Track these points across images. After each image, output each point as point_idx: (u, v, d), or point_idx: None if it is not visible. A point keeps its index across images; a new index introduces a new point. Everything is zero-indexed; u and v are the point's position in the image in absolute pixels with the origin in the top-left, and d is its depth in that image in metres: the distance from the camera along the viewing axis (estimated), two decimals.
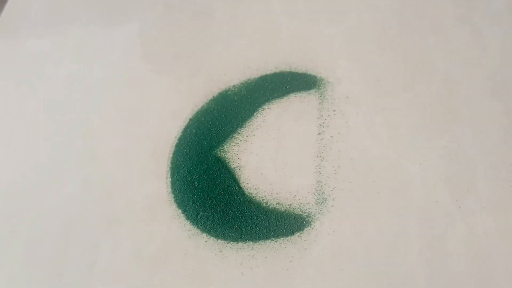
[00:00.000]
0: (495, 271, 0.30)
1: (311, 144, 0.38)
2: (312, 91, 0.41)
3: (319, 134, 0.38)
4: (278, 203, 0.35)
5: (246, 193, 0.36)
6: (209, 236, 0.35)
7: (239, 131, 0.40)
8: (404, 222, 0.33)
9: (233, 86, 0.43)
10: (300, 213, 0.35)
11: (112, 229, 0.36)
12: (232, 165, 0.38)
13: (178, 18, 0.50)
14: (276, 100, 0.41)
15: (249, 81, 0.43)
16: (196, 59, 0.46)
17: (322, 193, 0.35)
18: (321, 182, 0.36)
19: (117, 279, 0.34)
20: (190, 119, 0.41)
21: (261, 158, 0.38)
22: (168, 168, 0.39)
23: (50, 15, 0.54)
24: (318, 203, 0.35)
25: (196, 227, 0.35)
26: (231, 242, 0.34)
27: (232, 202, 0.36)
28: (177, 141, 0.40)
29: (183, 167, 0.38)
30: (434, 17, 0.42)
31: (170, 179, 0.38)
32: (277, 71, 0.43)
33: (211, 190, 0.37)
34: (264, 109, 0.41)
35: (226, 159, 0.38)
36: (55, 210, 0.38)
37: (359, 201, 0.34)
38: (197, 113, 0.42)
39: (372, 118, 0.38)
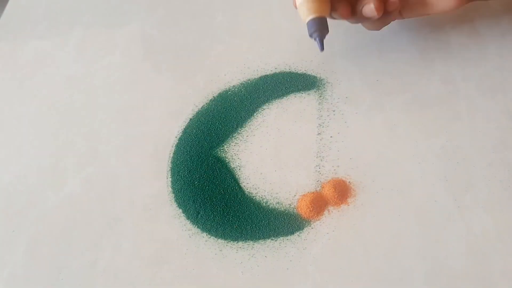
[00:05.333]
0: (493, 270, 0.30)
1: (311, 144, 0.38)
2: (312, 91, 0.41)
3: (319, 134, 0.38)
4: (278, 202, 0.35)
5: (246, 192, 0.36)
6: (209, 236, 0.35)
7: (239, 131, 0.40)
8: (403, 222, 0.33)
9: (233, 86, 0.43)
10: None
11: (113, 229, 0.37)
12: (232, 165, 0.38)
13: (178, 19, 0.50)
14: (276, 100, 0.41)
15: (249, 82, 0.43)
16: (196, 59, 0.46)
17: None
18: (320, 181, 0.36)
19: (118, 278, 0.34)
20: (191, 119, 0.41)
21: (261, 158, 0.38)
22: (169, 168, 0.39)
23: (51, 16, 0.54)
24: None
25: (196, 227, 0.35)
26: (231, 242, 0.34)
27: (232, 201, 0.36)
28: (177, 141, 0.40)
29: (184, 167, 0.39)
30: (433, 17, 0.42)
31: (170, 179, 0.38)
32: (277, 72, 0.43)
33: (211, 190, 0.37)
34: (264, 109, 0.41)
35: (226, 159, 0.38)
36: (56, 210, 0.39)
37: (358, 200, 0.34)
38: (197, 113, 0.42)
39: (371, 118, 0.38)
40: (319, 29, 0.35)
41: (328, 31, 0.36)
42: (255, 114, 0.41)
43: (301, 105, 0.40)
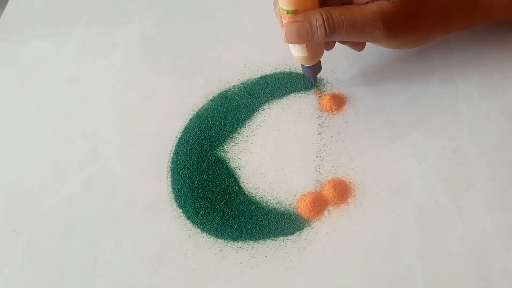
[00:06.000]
0: (493, 270, 0.30)
1: (311, 144, 0.38)
2: (312, 91, 0.41)
3: (319, 134, 0.38)
4: (278, 202, 0.35)
5: (246, 192, 0.36)
6: (209, 236, 0.35)
7: (239, 131, 0.40)
8: (403, 222, 0.33)
9: (233, 86, 0.43)
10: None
11: (113, 229, 0.37)
12: (232, 165, 0.38)
13: (178, 19, 0.50)
14: (276, 100, 0.41)
15: (249, 82, 0.43)
16: (196, 59, 0.46)
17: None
18: (320, 181, 0.36)
19: (118, 278, 0.34)
20: (191, 119, 0.42)
21: (261, 158, 0.38)
22: (169, 168, 0.39)
23: (51, 16, 0.54)
24: None
25: (196, 227, 0.35)
26: (231, 242, 0.34)
27: (232, 201, 0.36)
28: (177, 141, 0.40)
29: (184, 167, 0.39)
30: None
31: (170, 179, 0.38)
32: (277, 72, 0.43)
33: (211, 190, 0.37)
34: (264, 109, 0.41)
35: (226, 159, 0.39)
36: (56, 210, 0.39)
37: (358, 200, 0.34)
38: (197, 113, 0.42)
39: (371, 118, 0.38)
40: (314, 72, 0.38)
41: (321, 69, 0.38)
42: (255, 114, 0.41)
43: (301, 105, 0.40)
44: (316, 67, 0.37)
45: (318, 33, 0.32)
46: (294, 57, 0.36)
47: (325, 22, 0.32)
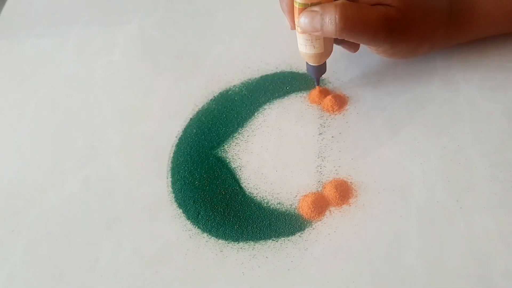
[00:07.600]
0: (494, 271, 0.30)
1: (312, 144, 0.38)
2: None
3: (320, 134, 0.38)
4: (279, 203, 0.35)
5: (247, 193, 0.36)
6: (209, 236, 0.35)
7: (240, 131, 0.40)
8: (404, 222, 0.33)
9: (234, 86, 0.43)
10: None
11: (112, 229, 0.36)
12: (233, 165, 0.38)
13: (178, 18, 0.50)
14: (277, 100, 0.41)
15: (250, 81, 0.43)
16: (196, 59, 0.46)
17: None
18: (322, 182, 0.36)
19: (118, 278, 0.34)
20: (191, 119, 0.41)
21: (262, 158, 0.38)
22: (169, 168, 0.39)
23: (50, 15, 0.54)
24: None
25: (196, 227, 0.35)
26: (232, 242, 0.34)
27: (233, 202, 0.36)
28: (177, 141, 0.40)
29: (184, 167, 0.39)
30: None
31: (170, 179, 0.38)
32: (278, 71, 0.43)
33: (211, 190, 0.37)
34: (265, 109, 0.41)
35: (227, 159, 0.38)
36: (55, 210, 0.38)
37: (359, 201, 0.34)
38: (197, 112, 0.42)
39: (372, 118, 0.38)
40: (320, 73, 0.37)
41: (325, 71, 0.38)
42: (256, 114, 0.40)
43: (302, 105, 0.40)
44: (322, 68, 0.37)
45: (329, 27, 0.32)
46: (301, 54, 0.36)
47: (339, 19, 0.31)
